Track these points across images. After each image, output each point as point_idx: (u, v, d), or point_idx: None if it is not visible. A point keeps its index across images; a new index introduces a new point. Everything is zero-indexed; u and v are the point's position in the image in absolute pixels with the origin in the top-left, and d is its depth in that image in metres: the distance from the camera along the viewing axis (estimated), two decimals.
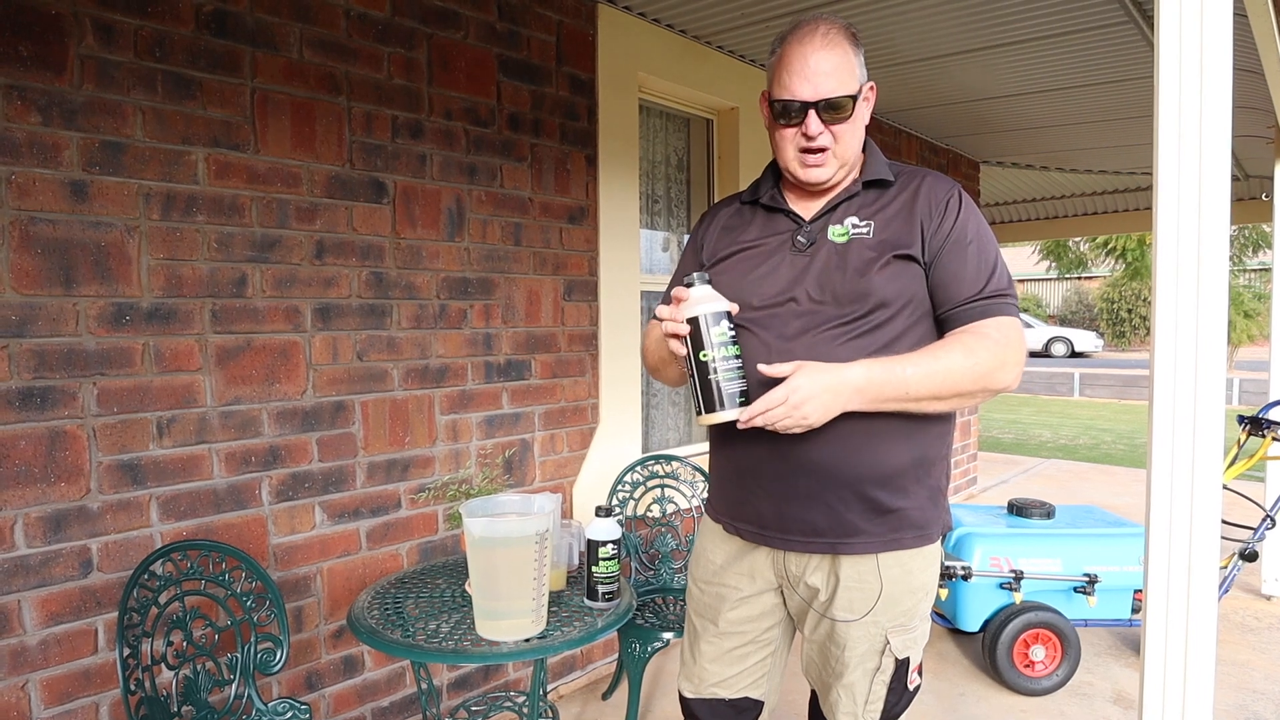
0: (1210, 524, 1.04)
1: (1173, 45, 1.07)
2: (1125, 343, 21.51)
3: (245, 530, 1.91)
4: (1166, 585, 1.06)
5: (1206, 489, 1.04)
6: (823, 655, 1.34)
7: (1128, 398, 13.53)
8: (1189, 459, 1.05)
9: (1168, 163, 1.07)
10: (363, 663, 2.17)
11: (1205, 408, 1.03)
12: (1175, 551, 1.05)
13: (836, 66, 1.22)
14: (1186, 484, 1.05)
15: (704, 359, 1.18)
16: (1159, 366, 1.06)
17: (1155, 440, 1.06)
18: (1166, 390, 1.05)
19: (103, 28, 1.65)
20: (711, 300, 1.21)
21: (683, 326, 1.20)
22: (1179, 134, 1.08)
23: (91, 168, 1.65)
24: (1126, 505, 5.49)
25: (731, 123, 3.41)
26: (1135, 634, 3.24)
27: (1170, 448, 1.05)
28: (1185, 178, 1.06)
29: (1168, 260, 1.06)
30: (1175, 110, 1.07)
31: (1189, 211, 1.05)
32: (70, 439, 1.64)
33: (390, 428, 2.18)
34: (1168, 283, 1.05)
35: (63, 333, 1.63)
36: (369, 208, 2.11)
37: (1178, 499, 1.05)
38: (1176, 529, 1.05)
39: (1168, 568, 1.06)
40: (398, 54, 2.16)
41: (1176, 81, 1.07)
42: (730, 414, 1.18)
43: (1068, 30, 2.96)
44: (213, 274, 1.83)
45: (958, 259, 1.23)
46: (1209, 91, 1.06)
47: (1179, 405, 1.05)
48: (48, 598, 1.63)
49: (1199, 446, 1.04)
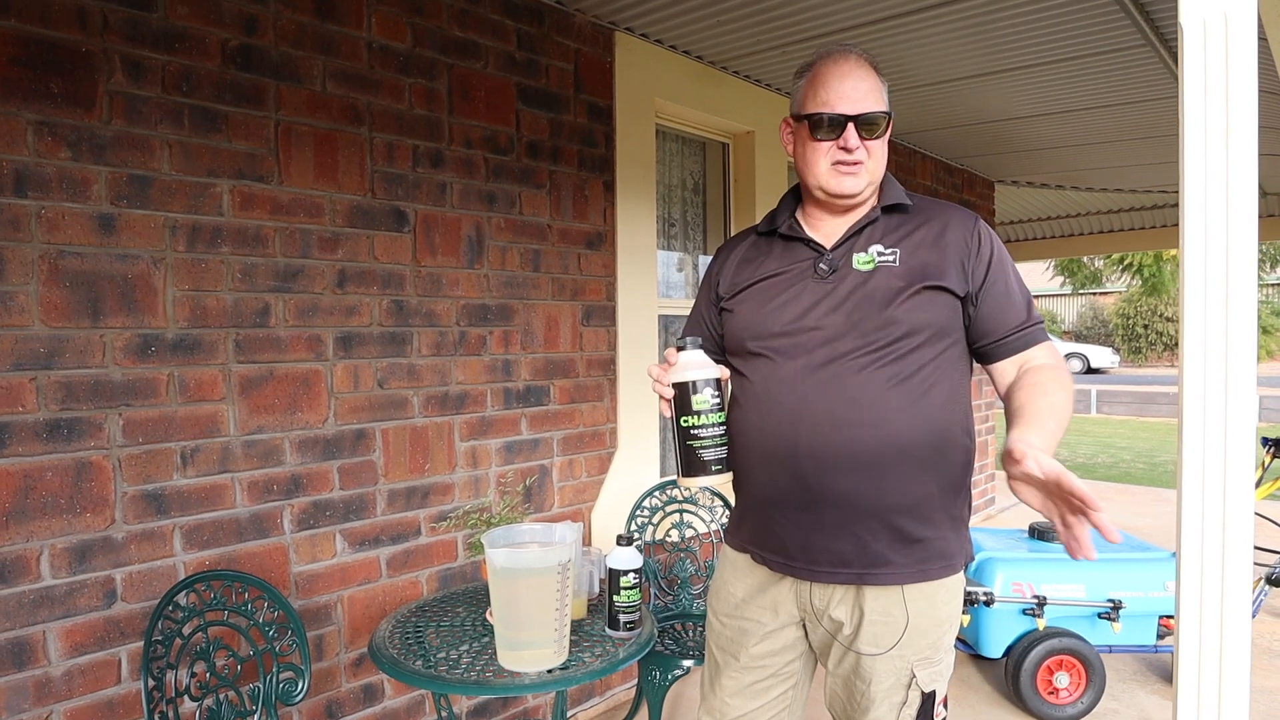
0: (1243, 546, 1.03)
1: (1198, 76, 1.07)
2: (1141, 358, 21.30)
3: (267, 559, 1.91)
4: (1199, 610, 1.05)
5: (1239, 512, 1.03)
6: (848, 689, 1.33)
7: (1146, 415, 13.38)
8: (1220, 481, 1.04)
9: (1194, 180, 1.07)
10: (383, 691, 2.16)
11: (1236, 428, 1.03)
12: (1208, 575, 1.04)
13: (873, 87, 1.28)
14: (1218, 508, 1.04)
15: (685, 424, 1.21)
16: (1188, 389, 1.06)
17: (1185, 462, 1.05)
18: (1196, 411, 1.04)
19: (131, 64, 1.69)
20: (700, 367, 1.22)
21: (668, 390, 1.23)
22: (1205, 157, 1.07)
23: (119, 201, 1.68)
24: (1147, 527, 5.41)
25: (747, 146, 3.42)
26: (1161, 660, 3.18)
27: (1201, 469, 1.04)
28: (1212, 198, 1.05)
29: (1195, 278, 1.05)
30: (1201, 135, 1.07)
31: (1216, 231, 1.05)
32: (96, 470, 1.66)
33: (410, 455, 2.19)
34: (1195, 303, 1.05)
35: (90, 364, 1.65)
36: (390, 236, 2.13)
37: (1209, 522, 1.04)
38: (1209, 552, 1.04)
39: (1200, 592, 1.05)
40: (419, 84, 2.18)
41: (1202, 110, 1.07)
42: (707, 479, 1.22)
43: (1084, 54, 2.96)
44: (236, 304, 1.85)
45: (1003, 292, 1.27)
46: (1234, 116, 1.05)
47: (1209, 426, 1.04)
48: (72, 628, 1.63)
49: (1230, 468, 1.03)
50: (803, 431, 1.23)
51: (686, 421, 1.20)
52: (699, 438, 1.20)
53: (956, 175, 5.11)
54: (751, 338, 1.31)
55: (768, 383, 1.28)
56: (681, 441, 1.21)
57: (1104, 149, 4.56)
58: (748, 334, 1.32)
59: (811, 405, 1.23)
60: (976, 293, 1.26)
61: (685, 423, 1.20)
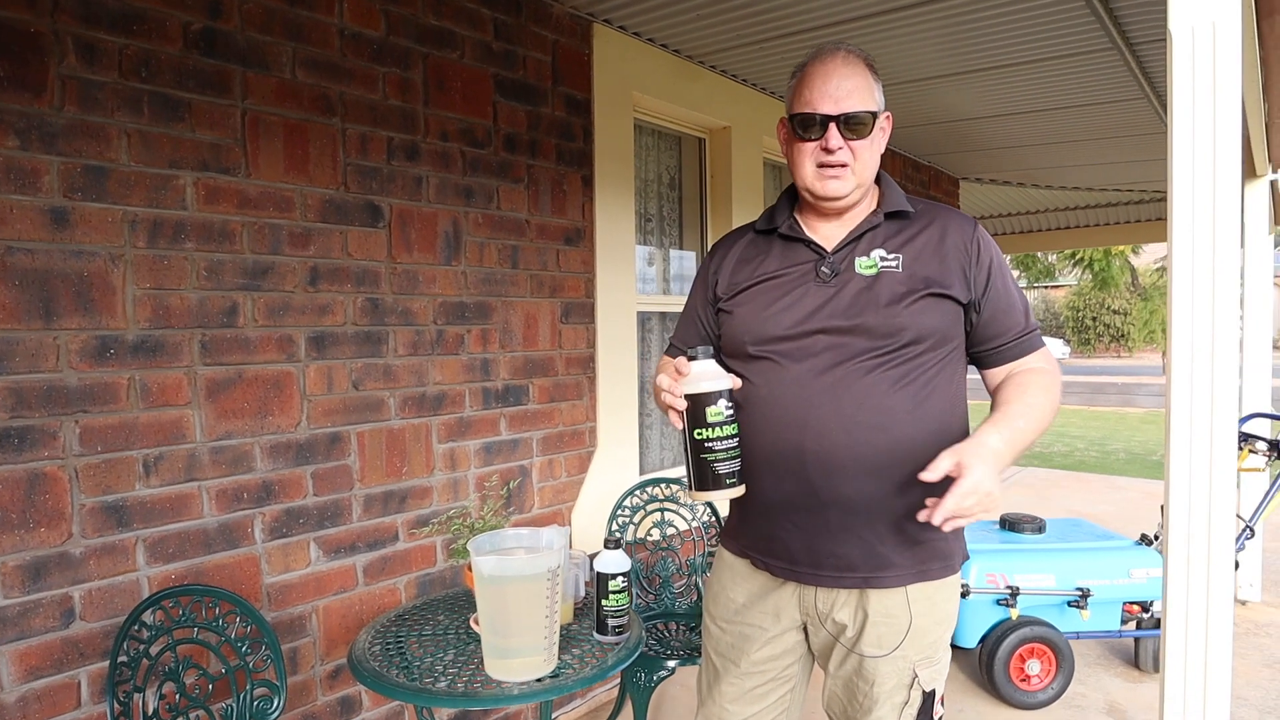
0: (1226, 531, 1.06)
1: (1186, 79, 1.08)
2: (1090, 349, 22.04)
3: (237, 570, 1.82)
4: (1186, 591, 1.08)
5: (1221, 509, 1.05)
6: (849, 691, 1.32)
7: (1096, 404, 13.84)
8: (1206, 475, 1.06)
9: (1182, 176, 1.08)
10: (360, 703, 2.09)
11: (1220, 422, 1.05)
12: (1195, 560, 1.07)
13: (858, 86, 1.24)
14: (1204, 503, 1.06)
15: (699, 437, 1.17)
16: (1175, 388, 1.07)
17: (1173, 454, 1.08)
18: (1183, 405, 1.07)
19: (85, 46, 1.58)
20: (713, 378, 1.18)
21: (680, 402, 1.18)
22: (1193, 156, 1.08)
23: (73, 193, 1.57)
24: (1104, 513, 5.59)
25: (724, 142, 3.40)
26: (1123, 644, 3.29)
27: (1188, 462, 1.07)
28: (1199, 194, 1.07)
29: (1183, 273, 1.07)
30: (1189, 135, 1.08)
31: (1203, 222, 1.06)
32: (51, 481, 1.55)
33: (387, 458, 2.11)
34: (1183, 298, 1.06)
35: (42, 369, 1.54)
36: (364, 232, 2.05)
37: (1195, 516, 1.06)
38: (1195, 539, 1.07)
39: (1187, 576, 1.08)
40: (393, 74, 2.10)
41: (1190, 112, 1.08)
42: (720, 494, 1.17)
43: (1052, 56, 3.01)
44: (202, 303, 1.75)
45: (1005, 298, 1.27)
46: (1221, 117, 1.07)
47: (1195, 421, 1.06)
48: (27, 651, 1.53)
49: (1215, 462, 1.05)
50: (809, 436, 1.21)
51: (700, 434, 1.15)
52: (713, 450, 1.16)
53: (924, 172, 5.18)
54: (753, 341, 1.28)
55: (772, 387, 1.25)
56: (694, 455, 1.17)
57: (1067, 148, 4.67)
58: (749, 337, 1.29)
59: (818, 410, 1.21)
60: (979, 300, 1.26)
61: (699, 435, 1.16)
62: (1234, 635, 3.48)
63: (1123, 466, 7.88)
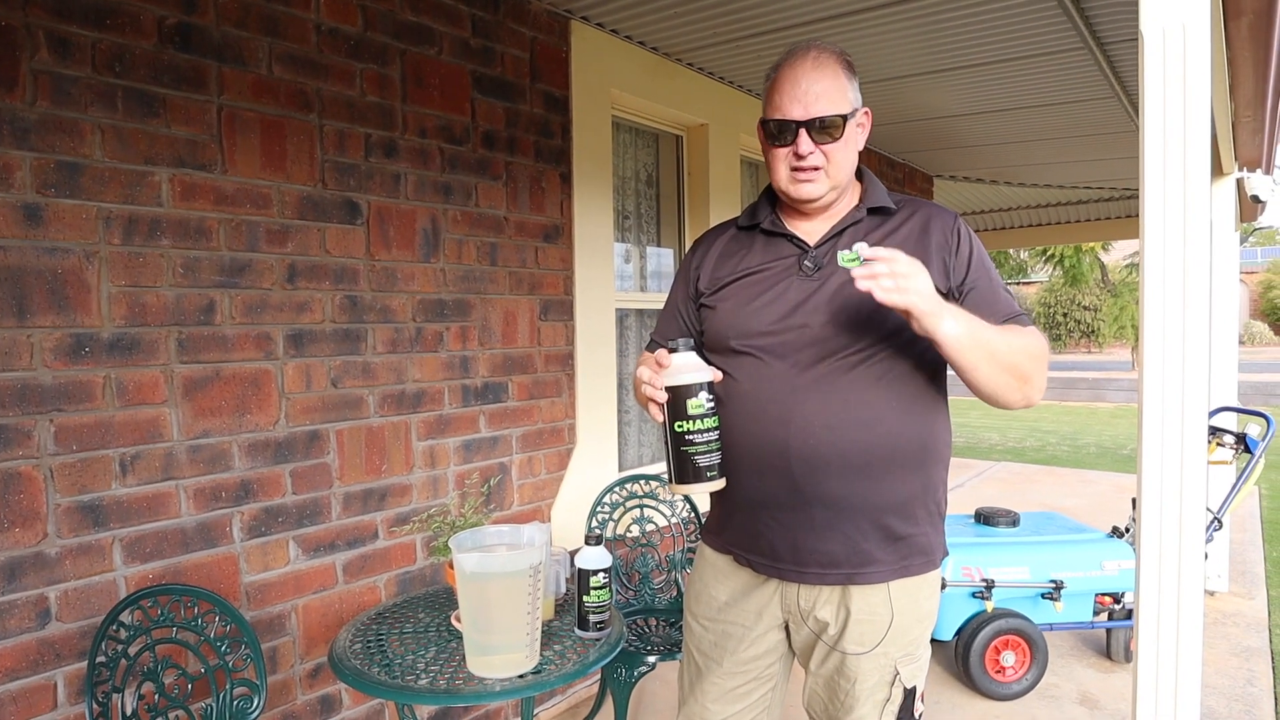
0: (1197, 524, 1.09)
1: (1157, 78, 1.11)
2: (1061, 345, 22.39)
3: (215, 570, 1.81)
4: (1158, 582, 1.11)
5: (1192, 502, 1.08)
6: (830, 689, 1.33)
7: (1067, 399, 14.07)
8: (1177, 468, 1.09)
9: (1153, 172, 1.11)
10: (340, 701, 2.08)
11: (1190, 416, 1.08)
12: (1166, 552, 1.10)
13: (828, 89, 1.23)
14: (1176, 496, 1.09)
15: (680, 430, 1.16)
16: (1148, 380, 1.11)
17: (1145, 447, 1.11)
18: (1155, 399, 1.10)
19: (57, 41, 1.56)
20: (694, 370, 1.18)
21: (661, 394, 1.17)
22: (1164, 152, 1.12)
23: (46, 190, 1.55)
24: (1076, 507, 5.69)
25: (701, 139, 3.42)
26: (1095, 635, 3.35)
27: (1160, 455, 1.10)
28: (1170, 189, 1.10)
29: (1154, 266, 1.10)
30: (1160, 132, 1.11)
31: (1174, 218, 1.09)
32: (25, 481, 1.53)
33: (366, 456, 2.10)
34: (1155, 294, 1.10)
35: (15, 367, 1.52)
36: (342, 229, 2.04)
37: (1167, 509, 1.09)
38: (1167, 532, 1.10)
39: (1159, 567, 1.11)
40: (371, 70, 2.09)
41: (1161, 110, 1.11)
42: (701, 487, 1.16)
43: (1025, 55, 3.06)
44: (178, 301, 1.74)
45: (986, 286, 1.26)
46: (1191, 116, 1.10)
47: (1168, 414, 1.09)
48: (2, 653, 1.51)
49: (1186, 456, 1.09)
50: (793, 433, 1.22)
51: (681, 427, 1.15)
52: (694, 444, 1.15)
53: (898, 169, 5.23)
54: (736, 336, 1.29)
55: (755, 383, 1.26)
56: (674, 448, 1.16)
57: (1038, 146, 4.75)
58: (731, 332, 1.30)
59: (802, 406, 1.22)
60: (958, 287, 1.26)
61: (680, 428, 1.15)
62: (1204, 626, 3.56)
63: (1093, 460, 8.03)
